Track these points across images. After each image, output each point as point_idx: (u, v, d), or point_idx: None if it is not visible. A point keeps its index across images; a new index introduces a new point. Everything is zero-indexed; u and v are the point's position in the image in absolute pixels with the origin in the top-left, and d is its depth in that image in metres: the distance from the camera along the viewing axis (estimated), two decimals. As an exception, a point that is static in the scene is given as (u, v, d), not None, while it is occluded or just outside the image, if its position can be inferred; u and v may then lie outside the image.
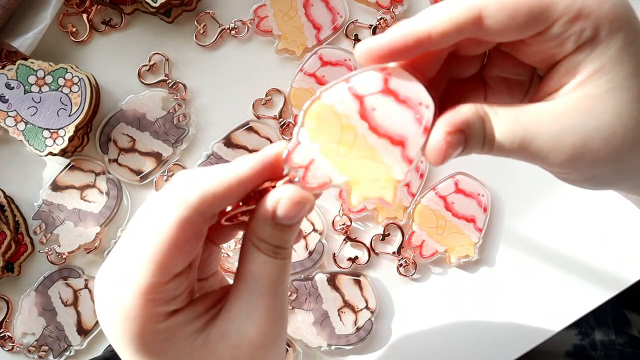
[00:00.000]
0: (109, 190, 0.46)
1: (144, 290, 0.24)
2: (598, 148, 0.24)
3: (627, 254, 0.46)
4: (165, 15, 0.47)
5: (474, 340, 0.46)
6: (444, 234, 0.46)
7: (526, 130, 0.24)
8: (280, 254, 0.27)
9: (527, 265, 0.46)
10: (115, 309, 0.25)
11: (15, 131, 0.44)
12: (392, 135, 0.25)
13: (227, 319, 0.26)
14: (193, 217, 0.25)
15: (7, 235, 0.44)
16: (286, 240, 0.27)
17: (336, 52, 0.47)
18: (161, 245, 0.24)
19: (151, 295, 0.24)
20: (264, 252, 0.26)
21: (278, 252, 0.27)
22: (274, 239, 0.26)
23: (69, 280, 0.46)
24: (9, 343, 0.46)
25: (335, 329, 0.45)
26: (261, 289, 0.26)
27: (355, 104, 0.26)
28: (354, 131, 0.25)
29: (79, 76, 0.44)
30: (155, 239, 0.24)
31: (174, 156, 0.47)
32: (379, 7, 0.47)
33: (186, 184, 0.25)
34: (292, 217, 0.26)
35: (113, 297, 0.25)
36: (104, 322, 0.26)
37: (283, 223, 0.26)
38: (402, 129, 0.25)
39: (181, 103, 0.47)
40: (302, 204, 0.25)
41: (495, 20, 0.24)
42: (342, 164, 0.25)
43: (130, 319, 0.25)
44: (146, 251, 0.24)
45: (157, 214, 0.25)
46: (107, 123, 0.46)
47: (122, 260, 0.25)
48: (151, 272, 0.24)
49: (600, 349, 0.56)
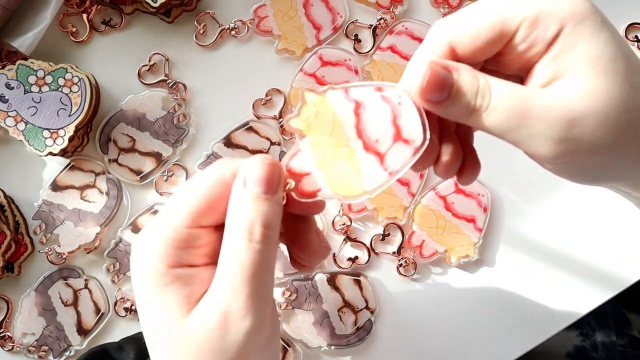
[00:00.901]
0: (109, 190, 0.46)
1: (169, 227, 0.26)
2: (593, 130, 0.24)
3: (627, 254, 0.46)
4: (165, 15, 0.47)
5: (474, 340, 0.46)
6: (444, 234, 0.46)
7: (525, 102, 0.25)
8: (256, 237, 0.25)
9: (527, 265, 0.46)
10: (141, 240, 0.27)
11: (15, 131, 0.44)
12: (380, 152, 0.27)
13: (203, 302, 0.26)
14: (230, 179, 0.27)
15: (7, 235, 0.44)
16: (264, 217, 0.26)
17: (336, 52, 0.47)
18: (195, 193, 0.27)
19: (174, 234, 0.26)
20: (238, 232, 0.25)
21: (253, 233, 0.25)
22: (248, 212, 0.26)
23: (69, 280, 0.46)
24: (9, 343, 0.46)
25: (335, 329, 0.45)
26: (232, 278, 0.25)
27: (352, 115, 0.26)
28: (347, 143, 0.26)
29: (79, 76, 0.44)
30: (193, 187, 0.27)
31: (174, 156, 0.47)
32: (379, 7, 0.47)
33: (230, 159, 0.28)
34: (266, 180, 0.26)
35: (145, 235, 0.27)
36: (132, 253, 0.28)
37: (255, 189, 0.26)
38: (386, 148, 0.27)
39: (181, 103, 0.47)
40: (273, 166, 0.26)
41: (465, 47, 0.26)
42: (330, 175, 0.27)
43: (150, 255, 0.26)
44: (182, 196, 0.27)
45: (204, 171, 0.28)
46: (107, 123, 0.46)
47: (165, 205, 0.29)
48: (179, 213, 0.26)
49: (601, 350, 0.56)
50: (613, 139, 0.25)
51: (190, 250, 0.27)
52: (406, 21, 0.47)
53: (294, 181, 0.27)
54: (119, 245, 0.46)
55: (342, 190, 0.26)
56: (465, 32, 0.26)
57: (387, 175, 0.26)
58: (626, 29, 0.47)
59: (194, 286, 0.26)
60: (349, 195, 0.27)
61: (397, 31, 0.47)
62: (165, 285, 0.26)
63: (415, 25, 0.47)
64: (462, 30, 0.26)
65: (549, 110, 0.25)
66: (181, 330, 0.25)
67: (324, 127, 0.26)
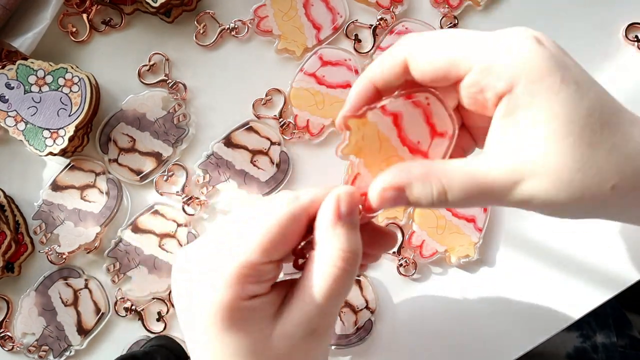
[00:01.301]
0: (109, 190, 0.46)
1: (244, 264, 0.27)
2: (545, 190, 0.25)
3: (627, 254, 0.46)
4: (165, 15, 0.47)
5: (474, 340, 0.46)
6: (444, 234, 0.46)
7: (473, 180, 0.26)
8: (351, 264, 0.28)
9: (527, 265, 0.46)
10: (207, 277, 0.27)
11: (15, 131, 0.44)
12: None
13: (286, 318, 0.28)
14: (301, 215, 0.28)
15: (7, 235, 0.44)
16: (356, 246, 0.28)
17: (336, 52, 0.47)
18: (271, 229, 0.27)
19: (248, 270, 0.27)
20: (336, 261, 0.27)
21: (348, 261, 0.28)
22: (345, 243, 0.28)
23: (69, 280, 0.46)
24: (9, 343, 0.46)
25: (335, 328, 0.45)
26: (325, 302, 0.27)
27: (393, 127, 0.29)
28: (396, 153, 0.29)
29: (79, 76, 0.44)
30: (267, 223, 0.28)
31: (174, 156, 0.47)
32: (379, 7, 0.47)
33: (297, 192, 0.30)
34: (353, 211, 0.28)
35: (209, 267, 0.28)
36: (185, 289, 0.28)
37: (347, 221, 0.28)
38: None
39: (181, 103, 0.47)
40: (356, 197, 0.29)
41: (417, 66, 0.28)
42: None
43: (222, 289, 0.27)
44: (256, 232, 0.27)
45: (272, 205, 0.29)
46: (107, 123, 0.46)
47: (227, 235, 0.28)
48: (255, 251, 0.27)
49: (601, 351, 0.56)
50: (569, 197, 0.25)
51: (260, 284, 0.28)
52: (406, 21, 0.47)
53: (361, 203, 0.29)
54: (119, 245, 0.46)
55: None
56: (423, 54, 0.28)
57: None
58: (626, 29, 0.47)
59: (268, 309, 0.28)
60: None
61: (398, 31, 0.47)
62: (243, 318, 0.27)
63: (415, 25, 0.47)
64: (421, 52, 0.28)
65: (497, 181, 0.26)
66: (268, 349, 0.27)
67: (373, 146, 0.29)
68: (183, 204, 0.46)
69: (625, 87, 0.46)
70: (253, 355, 0.27)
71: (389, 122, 0.29)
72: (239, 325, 0.27)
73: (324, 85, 0.46)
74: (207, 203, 0.47)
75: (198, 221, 0.47)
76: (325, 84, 0.46)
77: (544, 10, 0.47)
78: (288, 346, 0.27)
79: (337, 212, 0.28)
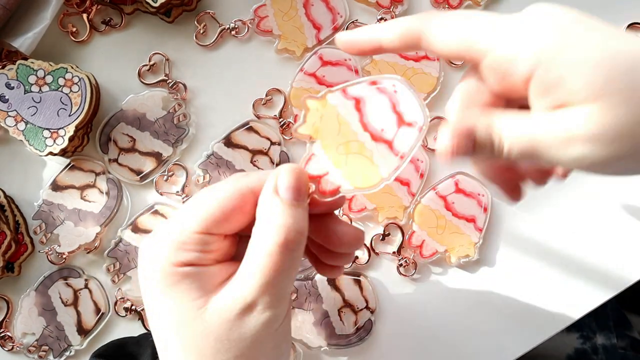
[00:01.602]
0: (109, 190, 0.46)
1: (181, 231, 0.28)
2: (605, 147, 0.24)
3: (627, 254, 0.46)
4: (165, 15, 0.47)
5: (474, 340, 0.46)
6: (444, 233, 0.46)
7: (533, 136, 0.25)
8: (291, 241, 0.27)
9: (527, 265, 0.46)
10: (154, 242, 0.29)
11: (16, 131, 0.44)
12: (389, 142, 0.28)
13: (222, 293, 0.28)
14: (246, 192, 0.29)
15: (7, 235, 0.44)
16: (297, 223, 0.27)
17: (336, 52, 0.47)
18: (212, 202, 0.28)
19: (184, 238, 0.28)
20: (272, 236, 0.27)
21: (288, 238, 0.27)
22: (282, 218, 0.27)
23: (69, 280, 0.46)
24: (9, 343, 0.46)
25: (335, 329, 0.45)
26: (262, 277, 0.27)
27: (354, 111, 0.28)
28: (356, 138, 0.28)
29: (79, 76, 0.44)
30: (210, 196, 0.29)
31: (174, 156, 0.47)
32: (379, 7, 0.47)
33: (249, 172, 0.31)
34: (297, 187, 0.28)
35: (160, 234, 0.29)
36: (139, 254, 0.30)
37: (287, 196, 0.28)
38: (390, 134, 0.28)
39: (181, 103, 0.47)
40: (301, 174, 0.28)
41: (431, 43, 0.28)
42: (346, 170, 0.28)
43: (159, 252, 0.28)
44: (199, 203, 0.29)
45: (223, 181, 0.30)
46: (107, 123, 0.46)
47: (182, 208, 0.30)
48: (193, 220, 0.28)
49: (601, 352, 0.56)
50: (617, 154, 0.25)
51: (198, 254, 0.28)
52: (406, 21, 0.47)
53: (314, 184, 0.29)
54: (119, 245, 0.46)
55: (361, 182, 0.28)
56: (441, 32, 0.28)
57: (398, 159, 0.28)
58: (626, 29, 0.47)
59: (204, 281, 0.28)
60: (368, 186, 0.28)
61: (397, 31, 0.47)
62: (175, 283, 0.27)
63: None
64: (439, 30, 0.28)
65: (549, 143, 0.25)
66: (199, 322, 0.27)
67: (331, 128, 0.28)
68: (183, 203, 0.46)
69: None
70: (183, 325, 0.27)
71: (351, 106, 0.28)
72: (173, 289, 0.27)
73: (324, 85, 0.46)
74: (207, 203, 0.47)
75: (198, 221, 0.47)
76: (325, 84, 0.46)
77: (544, 10, 0.47)
78: (220, 321, 0.27)
79: (275, 185, 0.28)
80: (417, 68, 0.46)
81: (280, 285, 0.27)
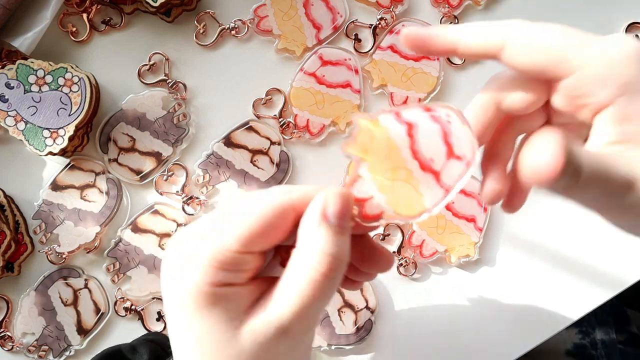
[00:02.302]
0: (109, 190, 0.46)
1: (220, 250, 0.26)
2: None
3: (627, 254, 0.46)
4: (165, 14, 0.47)
5: (474, 340, 0.46)
6: (444, 233, 0.46)
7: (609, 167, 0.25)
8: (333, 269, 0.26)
9: (527, 265, 0.46)
10: (187, 259, 0.27)
11: (15, 131, 0.44)
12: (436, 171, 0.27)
13: (258, 315, 0.27)
14: (288, 210, 0.27)
15: (7, 235, 0.44)
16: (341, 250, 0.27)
17: (336, 51, 0.47)
18: (253, 219, 0.27)
19: (224, 257, 0.26)
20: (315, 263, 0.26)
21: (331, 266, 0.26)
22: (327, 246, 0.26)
23: (68, 280, 0.46)
24: (8, 343, 0.46)
25: (335, 328, 0.45)
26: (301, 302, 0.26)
27: (406, 137, 0.27)
28: (404, 165, 0.27)
29: (79, 76, 0.44)
30: (250, 212, 0.27)
31: (174, 156, 0.47)
32: (379, 6, 0.47)
33: (290, 187, 0.28)
34: (343, 214, 0.26)
35: (191, 249, 0.27)
36: (165, 270, 0.28)
37: (334, 222, 0.26)
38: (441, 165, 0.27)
39: (181, 102, 0.47)
40: (349, 200, 0.27)
41: (514, 54, 0.26)
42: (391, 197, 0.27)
43: (196, 271, 0.26)
44: (238, 219, 0.27)
45: (262, 195, 0.28)
46: (107, 123, 0.46)
47: (214, 221, 0.28)
48: (233, 238, 0.26)
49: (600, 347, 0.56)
50: None
51: (236, 273, 0.27)
52: (406, 20, 0.47)
53: (358, 207, 0.28)
54: (119, 245, 0.46)
55: (404, 210, 0.27)
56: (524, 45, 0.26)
57: (444, 192, 0.27)
58: (626, 28, 0.47)
59: (239, 301, 0.27)
60: (410, 215, 0.27)
61: (397, 30, 0.47)
62: (210, 304, 0.26)
63: (415, 25, 0.47)
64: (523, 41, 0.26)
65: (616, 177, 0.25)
66: (232, 344, 0.26)
67: (380, 151, 0.27)
68: (183, 203, 0.46)
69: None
70: (217, 345, 0.27)
71: (403, 131, 0.27)
72: (207, 311, 0.26)
73: (324, 85, 0.46)
74: (207, 203, 0.47)
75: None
76: (325, 84, 0.46)
77: (545, 9, 0.47)
78: (255, 344, 0.26)
79: (324, 211, 0.26)
80: (417, 67, 0.46)
81: (317, 311, 0.27)
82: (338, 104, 0.46)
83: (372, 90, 0.47)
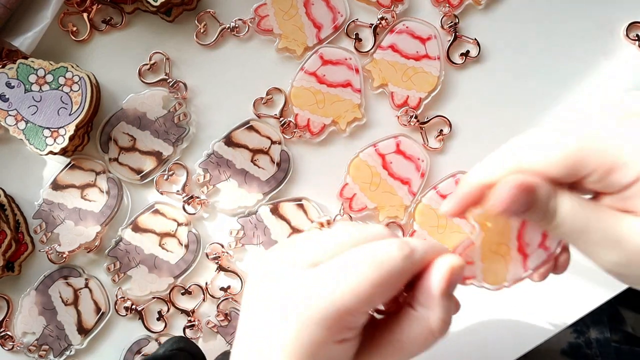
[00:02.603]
0: (109, 189, 0.46)
1: (347, 310, 0.26)
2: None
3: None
4: (165, 14, 0.47)
5: (473, 341, 0.46)
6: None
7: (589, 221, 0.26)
8: (444, 330, 0.28)
9: (527, 264, 0.46)
10: (301, 309, 0.26)
11: (16, 130, 0.44)
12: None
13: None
14: (411, 271, 0.27)
15: (7, 235, 0.44)
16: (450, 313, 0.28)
17: (337, 51, 0.47)
18: (380, 281, 0.26)
19: (348, 317, 0.26)
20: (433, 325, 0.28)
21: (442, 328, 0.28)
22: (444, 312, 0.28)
23: (69, 279, 0.46)
24: (9, 342, 0.46)
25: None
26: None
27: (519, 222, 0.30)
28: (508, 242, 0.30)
29: (79, 75, 0.44)
30: (376, 273, 0.26)
31: (174, 155, 0.47)
32: (379, 6, 0.47)
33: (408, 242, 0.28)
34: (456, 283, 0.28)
35: (304, 297, 0.26)
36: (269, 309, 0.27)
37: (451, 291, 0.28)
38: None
39: (182, 102, 0.47)
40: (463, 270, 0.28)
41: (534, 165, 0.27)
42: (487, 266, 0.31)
43: (316, 328, 0.25)
44: (362, 278, 0.26)
45: (382, 251, 0.27)
46: (108, 122, 0.46)
47: (329, 270, 0.27)
48: (360, 299, 0.26)
49: (595, 347, 0.56)
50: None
51: (356, 330, 0.27)
52: (407, 20, 0.47)
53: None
54: (119, 244, 0.46)
55: (490, 279, 0.30)
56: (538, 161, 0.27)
57: (524, 272, 0.30)
58: (627, 27, 0.47)
59: (347, 354, 0.28)
60: (492, 284, 0.31)
61: (398, 30, 0.47)
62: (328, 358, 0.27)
63: (416, 24, 0.47)
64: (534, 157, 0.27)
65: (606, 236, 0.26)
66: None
67: (497, 227, 0.30)
68: (183, 203, 0.46)
69: (626, 86, 0.46)
70: None
71: (518, 221, 0.30)
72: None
73: (324, 84, 0.46)
74: (208, 202, 0.47)
75: (198, 220, 0.47)
76: (325, 83, 0.46)
77: (545, 9, 0.47)
78: None
79: (449, 284, 0.27)
80: (417, 67, 0.46)
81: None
82: (338, 104, 0.46)
83: (372, 90, 0.47)
